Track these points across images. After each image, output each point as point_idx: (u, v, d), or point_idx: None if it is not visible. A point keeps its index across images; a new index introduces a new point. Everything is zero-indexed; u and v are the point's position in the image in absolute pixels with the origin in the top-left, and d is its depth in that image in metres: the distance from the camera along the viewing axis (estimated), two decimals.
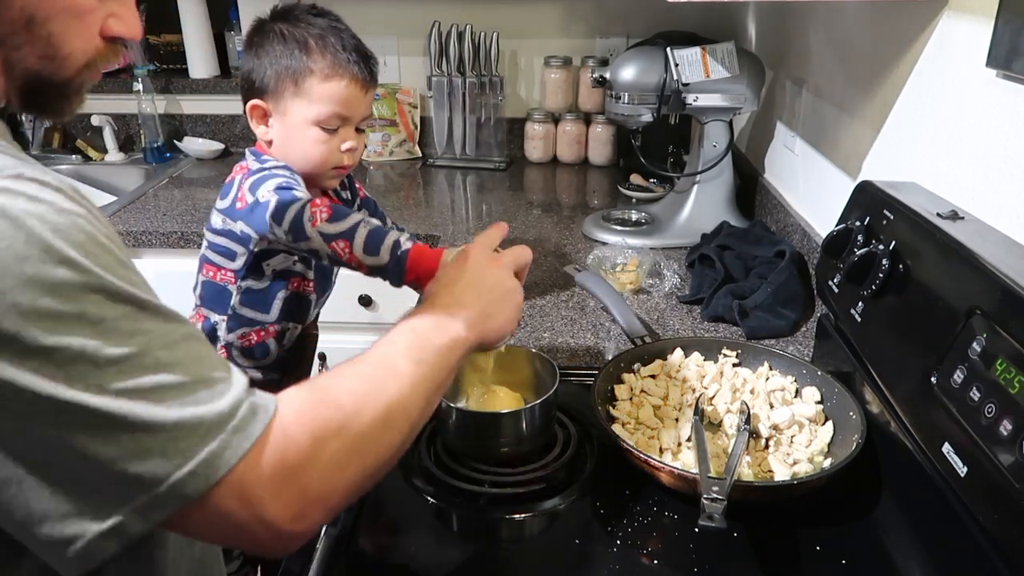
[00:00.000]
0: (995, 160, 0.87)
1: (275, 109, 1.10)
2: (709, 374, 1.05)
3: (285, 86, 1.07)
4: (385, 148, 2.40)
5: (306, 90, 1.07)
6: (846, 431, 0.93)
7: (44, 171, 0.53)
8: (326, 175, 1.15)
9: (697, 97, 1.58)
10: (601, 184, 2.21)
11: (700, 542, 0.83)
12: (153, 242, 1.78)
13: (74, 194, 0.53)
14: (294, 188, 1.04)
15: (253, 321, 1.17)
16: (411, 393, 0.68)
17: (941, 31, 1.01)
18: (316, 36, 1.07)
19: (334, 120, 1.09)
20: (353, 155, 1.14)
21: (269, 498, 0.56)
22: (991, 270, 0.72)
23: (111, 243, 0.54)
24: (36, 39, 0.58)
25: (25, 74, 0.60)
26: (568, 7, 2.32)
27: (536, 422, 0.94)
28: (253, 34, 1.11)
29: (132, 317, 0.52)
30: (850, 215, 1.02)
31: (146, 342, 0.52)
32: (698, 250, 1.53)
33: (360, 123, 1.14)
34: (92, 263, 0.50)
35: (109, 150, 2.43)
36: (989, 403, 0.68)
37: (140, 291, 0.53)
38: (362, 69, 1.09)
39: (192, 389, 0.53)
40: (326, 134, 1.10)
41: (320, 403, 0.62)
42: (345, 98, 1.08)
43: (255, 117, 1.12)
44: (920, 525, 0.82)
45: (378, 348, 0.71)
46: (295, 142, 1.11)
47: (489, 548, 0.88)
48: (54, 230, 0.49)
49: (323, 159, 1.11)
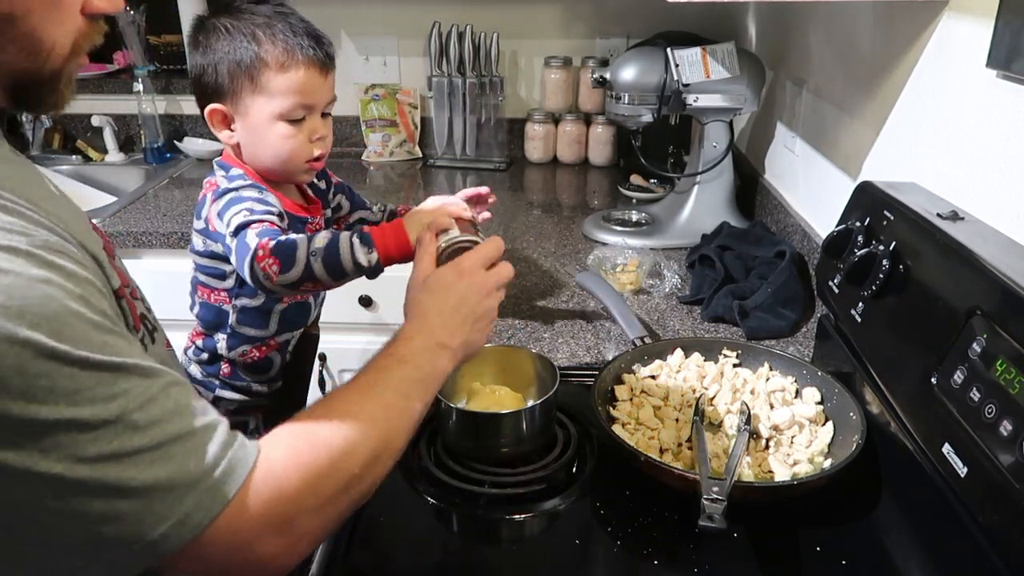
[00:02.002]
0: (995, 160, 0.87)
1: (235, 110, 1.05)
2: (709, 374, 1.05)
3: (241, 84, 1.02)
4: (385, 148, 2.40)
5: (263, 84, 1.02)
6: (846, 431, 0.93)
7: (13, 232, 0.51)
8: (300, 170, 1.10)
9: (697, 97, 1.58)
10: (601, 184, 2.21)
11: (700, 543, 0.83)
12: (153, 242, 1.78)
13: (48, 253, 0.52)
14: (252, 222, 0.99)
15: (253, 338, 1.15)
16: (399, 426, 0.70)
17: (941, 31, 1.01)
18: (263, 25, 1.02)
19: (298, 111, 1.05)
20: (324, 143, 1.10)
21: (257, 540, 0.57)
22: (991, 270, 0.72)
23: (84, 306, 0.52)
24: (18, 37, 0.56)
25: (12, 74, 0.58)
26: (568, 7, 2.32)
27: (536, 422, 0.94)
28: (196, 33, 1.06)
29: (107, 383, 0.51)
30: (850, 215, 1.02)
31: (124, 405, 0.52)
32: (698, 250, 1.53)
33: (325, 108, 1.09)
34: (58, 339, 0.49)
35: (109, 150, 2.43)
36: (989, 403, 0.68)
37: (114, 352, 0.53)
38: (317, 52, 1.04)
39: (168, 448, 0.53)
40: (292, 127, 1.05)
41: (311, 446, 0.62)
42: (305, 86, 1.03)
43: (215, 122, 1.07)
44: (920, 525, 0.82)
45: (368, 379, 0.72)
46: (262, 141, 1.06)
47: (489, 548, 0.88)
48: (19, 312, 0.48)
49: (294, 154, 1.07)
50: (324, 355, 1.80)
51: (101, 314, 0.54)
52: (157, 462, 0.52)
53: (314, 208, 1.18)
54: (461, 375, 1.02)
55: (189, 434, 0.55)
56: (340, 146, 2.46)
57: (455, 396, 1.01)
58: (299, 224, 1.13)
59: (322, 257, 0.95)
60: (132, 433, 0.52)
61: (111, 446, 0.51)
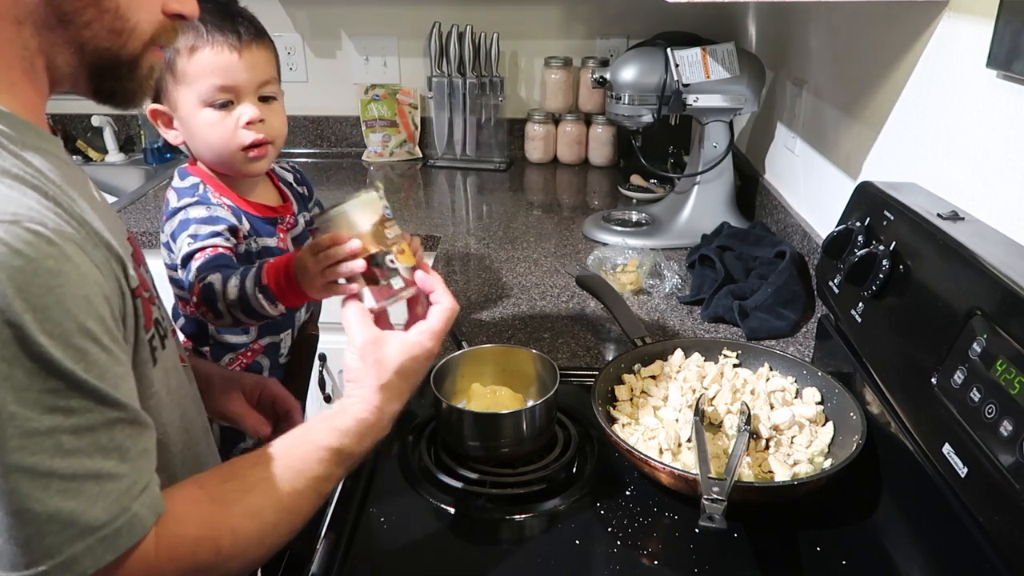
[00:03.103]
0: (995, 161, 0.87)
1: (169, 106, 1.02)
2: (709, 375, 1.05)
3: (164, 78, 0.99)
4: (385, 149, 2.40)
5: (181, 72, 0.99)
6: (846, 432, 0.93)
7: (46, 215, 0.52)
8: (240, 161, 1.04)
9: (697, 98, 1.58)
10: (601, 185, 2.21)
11: (700, 543, 0.83)
12: (153, 243, 1.77)
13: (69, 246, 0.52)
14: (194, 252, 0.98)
15: (236, 346, 1.14)
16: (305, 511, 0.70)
17: (941, 32, 1.01)
18: None
19: (217, 94, 0.99)
20: (260, 128, 1.02)
21: None
22: (991, 271, 0.72)
23: (83, 308, 0.53)
24: (104, 12, 0.59)
25: (96, 52, 0.61)
26: (568, 8, 2.32)
27: (536, 423, 0.94)
28: None
29: (59, 393, 0.51)
30: (850, 216, 1.02)
31: (60, 422, 0.51)
32: (698, 251, 1.53)
33: (260, 90, 1.02)
34: (41, 331, 0.49)
35: (109, 151, 2.44)
36: (989, 404, 0.68)
37: (85, 369, 0.52)
38: (227, 30, 0.98)
39: (80, 483, 0.52)
40: (218, 112, 1.00)
41: (200, 541, 0.61)
42: (219, 66, 0.98)
43: (161, 123, 1.04)
44: (920, 526, 0.82)
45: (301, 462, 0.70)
46: (194, 134, 1.03)
47: (489, 549, 0.88)
48: (19, 289, 0.48)
49: (222, 141, 1.02)
50: (324, 355, 1.80)
51: (97, 319, 0.54)
52: (65, 493, 0.51)
53: (285, 207, 1.15)
54: (462, 375, 1.02)
55: (108, 477, 0.54)
56: (340, 146, 2.46)
57: (456, 396, 1.01)
58: (268, 226, 1.11)
59: (240, 310, 0.94)
60: (55, 454, 0.51)
61: (31, 460, 0.50)
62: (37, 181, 0.54)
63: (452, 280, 1.53)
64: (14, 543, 0.50)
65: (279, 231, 1.13)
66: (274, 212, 1.13)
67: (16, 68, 0.58)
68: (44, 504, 0.51)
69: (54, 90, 0.63)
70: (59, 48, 0.59)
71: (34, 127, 0.59)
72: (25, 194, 0.52)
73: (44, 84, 0.61)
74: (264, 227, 1.10)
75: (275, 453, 0.69)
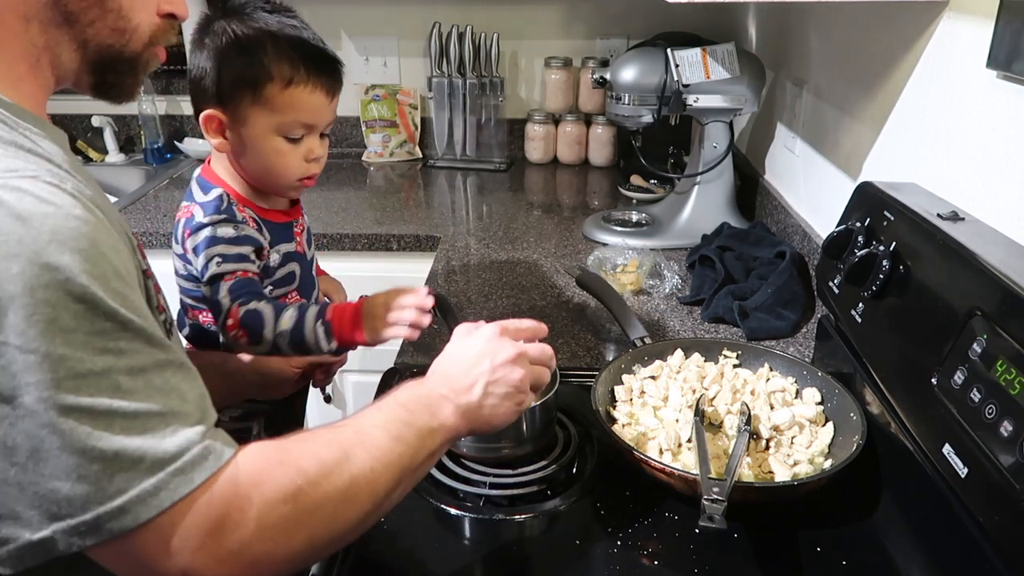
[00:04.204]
0: (995, 161, 0.87)
1: (232, 118, 1.01)
2: (709, 375, 1.05)
3: (243, 93, 0.99)
4: (385, 149, 2.40)
5: (267, 98, 0.99)
6: (846, 432, 0.93)
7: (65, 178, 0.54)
8: (291, 187, 1.09)
9: (697, 98, 1.58)
10: (601, 185, 2.21)
11: (700, 543, 0.83)
12: (153, 243, 1.78)
13: (90, 204, 0.54)
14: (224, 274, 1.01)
15: None
16: (382, 469, 0.65)
17: (941, 32, 1.01)
18: (273, 36, 0.98)
19: (298, 129, 1.02)
20: (319, 164, 1.08)
21: (194, 550, 0.54)
22: (991, 271, 0.72)
23: (115, 256, 0.53)
24: (108, 12, 0.62)
25: (99, 49, 0.63)
26: (568, 8, 2.32)
27: (536, 423, 0.94)
28: (202, 33, 1.01)
29: (108, 334, 0.51)
30: (850, 216, 1.02)
31: (112, 363, 0.51)
32: (698, 251, 1.53)
33: (325, 129, 1.07)
34: (82, 271, 0.50)
35: (110, 151, 2.44)
36: (989, 404, 0.68)
37: (128, 309, 0.53)
38: (327, 75, 1.01)
39: (144, 420, 0.52)
40: (289, 144, 1.03)
41: (281, 464, 0.59)
42: (309, 106, 1.01)
43: (210, 128, 1.03)
44: (920, 526, 0.82)
45: (361, 415, 0.69)
46: (256, 154, 1.03)
47: (490, 549, 0.88)
48: (52, 232, 0.49)
49: (287, 170, 1.05)
50: None
51: (127, 271, 0.55)
52: (129, 430, 0.51)
53: (295, 210, 1.17)
54: None
55: (170, 413, 0.54)
56: (340, 146, 2.46)
57: None
58: (286, 231, 1.13)
59: (289, 339, 0.99)
60: (113, 393, 0.51)
61: (89, 400, 0.50)
62: (50, 158, 0.56)
63: (452, 280, 1.53)
64: (85, 482, 0.50)
65: (295, 235, 1.15)
66: (288, 217, 1.15)
67: (22, 63, 0.60)
68: (110, 441, 0.51)
69: (57, 86, 0.64)
70: (64, 45, 0.62)
71: (39, 119, 0.61)
72: (39, 164, 0.54)
73: (49, 79, 0.63)
74: (284, 233, 1.12)
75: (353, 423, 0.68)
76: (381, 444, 0.66)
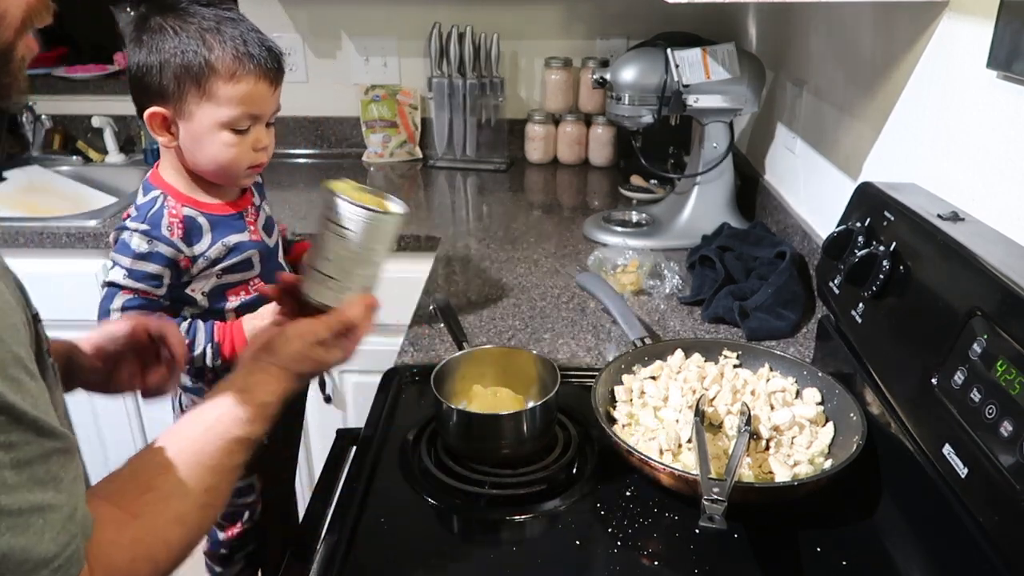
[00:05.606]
0: (996, 161, 0.87)
1: (178, 115, 1.02)
2: (710, 375, 1.05)
3: (187, 89, 1.00)
4: (386, 149, 2.40)
5: (211, 92, 1.00)
6: (847, 432, 0.92)
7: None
8: (241, 176, 1.11)
9: (698, 98, 1.58)
10: (601, 185, 2.21)
11: (700, 543, 0.83)
12: None
13: None
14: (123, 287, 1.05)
15: None
16: (221, 504, 0.71)
17: (941, 32, 1.01)
18: (212, 30, 0.99)
19: (244, 120, 1.04)
20: (267, 152, 1.10)
21: None
22: (992, 271, 0.72)
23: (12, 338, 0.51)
24: None
25: None
26: (568, 8, 2.32)
27: (537, 423, 0.94)
28: (139, 31, 1.01)
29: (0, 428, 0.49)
30: (851, 216, 1.02)
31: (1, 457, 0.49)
32: (699, 251, 1.53)
33: (270, 118, 1.09)
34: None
35: (109, 151, 2.43)
36: (990, 404, 0.68)
37: (24, 398, 0.50)
38: (269, 64, 1.02)
39: (27, 517, 0.50)
40: (237, 136, 1.04)
41: (137, 562, 0.62)
42: (254, 97, 1.02)
43: (155, 125, 1.04)
44: (920, 526, 0.82)
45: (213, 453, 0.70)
46: (204, 148, 1.05)
47: (490, 550, 0.88)
48: None
49: (235, 162, 1.07)
50: None
51: (25, 347, 0.53)
52: (13, 530, 0.49)
53: (244, 199, 1.17)
54: (462, 377, 1.02)
55: (49, 508, 0.52)
56: (340, 147, 2.46)
57: (456, 397, 1.01)
58: (236, 222, 1.14)
59: None
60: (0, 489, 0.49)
61: None
62: None
63: (452, 280, 1.53)
64: None
65: (248, 223, 1.15)
66: (235, 208, 1.15)
67: None
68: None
69: None
70: None
71: None
72: None
73: None
74: (233, 224, 1.13)
75: (183, 452, 0.68)
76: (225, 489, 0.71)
